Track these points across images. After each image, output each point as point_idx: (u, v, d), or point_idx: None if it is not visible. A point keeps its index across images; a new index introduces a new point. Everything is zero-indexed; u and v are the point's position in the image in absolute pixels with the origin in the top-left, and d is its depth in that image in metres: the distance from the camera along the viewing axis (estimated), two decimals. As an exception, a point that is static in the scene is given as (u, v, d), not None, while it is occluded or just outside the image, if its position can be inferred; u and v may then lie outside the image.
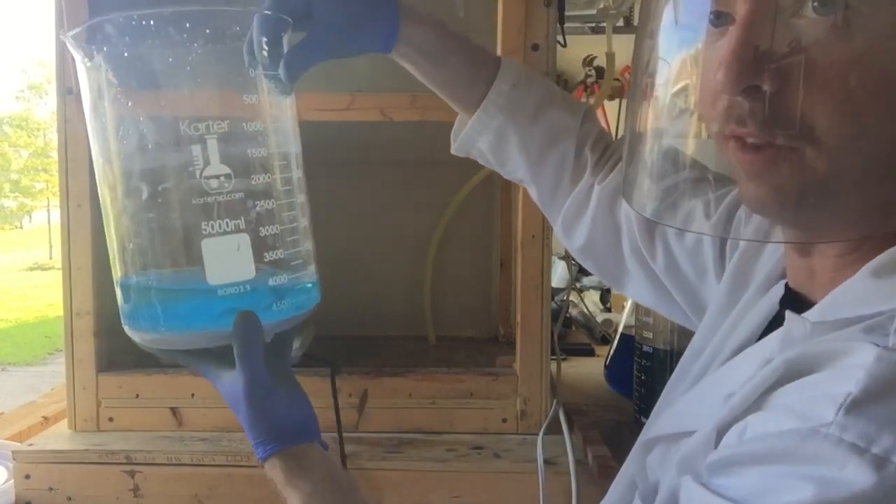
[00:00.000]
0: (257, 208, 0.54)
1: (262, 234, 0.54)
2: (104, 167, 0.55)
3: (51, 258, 14.27)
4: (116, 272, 0.58)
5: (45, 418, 1.20)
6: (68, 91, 0.94)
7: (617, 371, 1.26)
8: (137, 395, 0.97)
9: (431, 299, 1.27)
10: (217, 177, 0.52)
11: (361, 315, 1.27)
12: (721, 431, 0.41)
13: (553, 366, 1.01)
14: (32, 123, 19.04)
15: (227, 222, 0.52)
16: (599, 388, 1.28)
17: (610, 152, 0.71)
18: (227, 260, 0.53)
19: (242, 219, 0.53)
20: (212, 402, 0.97)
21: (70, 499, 0.90)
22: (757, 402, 0.40)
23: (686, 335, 1.00)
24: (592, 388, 1.28)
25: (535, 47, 0.94)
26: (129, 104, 0.52)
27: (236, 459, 0.90)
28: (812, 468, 0.35)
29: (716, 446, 0.41)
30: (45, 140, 18.75)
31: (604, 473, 0.84)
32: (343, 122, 0.96)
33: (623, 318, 1.31)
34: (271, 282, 0.56)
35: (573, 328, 1.71)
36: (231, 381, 0.56)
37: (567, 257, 1.29)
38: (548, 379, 0.97)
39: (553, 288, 1.02)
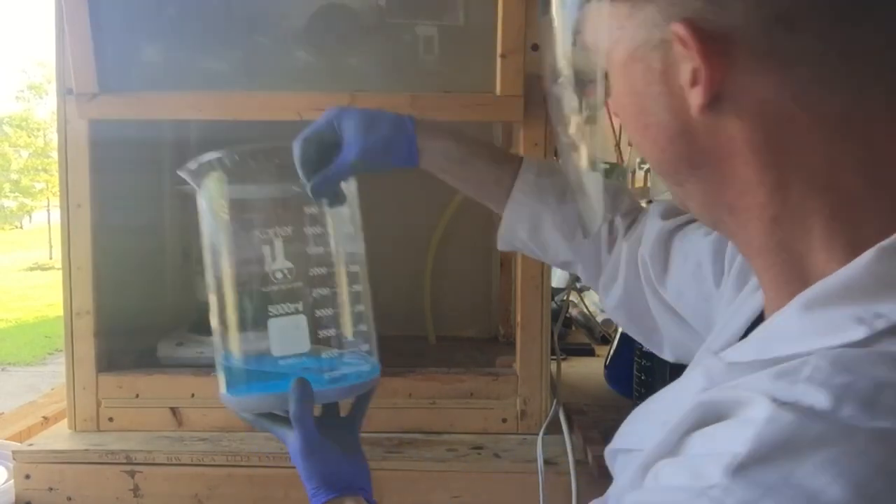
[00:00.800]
0: (314, 294, 0.66)
1: (317, 315, 0.66)
2: (211, 261, 0.72)
3: (51, 258, 14.27)
4: (218, 349, 0.69)
5: (45, 418, 1.20)
6: (68, 91, 0.94)
7: (617, 371, 1.26)
8: (137, 395, 0.97)
9: (431, 299, 1.27)
10: (281, 270, 0.66)
11: (361, 315, 1.27)
12: (645, 469, 0.40)
13: (553, 366, 1.01)
14: (32, 123, 19.04)
15: (287, 305, 0.65)
16: (599, 388, 1.28)
17: (640, 218, 0.74)
18: (287, 335, 0.65)
19: (301, 303, 0.65)
20: (212, 402, 0.97)
21: (70, 499, 0.90)
22: (677, 444, 0.39)
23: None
24: (592, 388, 1.28)
25: (535, 47, 0.94)
26: (225, 216, 0.73)
27: (236, 459, 0.90)
28: None
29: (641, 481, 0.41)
30: (45, 140, 18.75)
31: (604, 473, 0.84)
32: (343, 122, 0.96)
33: (623, 318, 1.31)
34: (324, 355, 0.67)
35: (573, 328, 1.71)
36: (291, 439, 0.66)
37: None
38: (548, 379, 0.97)
39: (553, 288, 1.02)
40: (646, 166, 1.42)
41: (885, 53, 0.38)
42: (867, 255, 0.37)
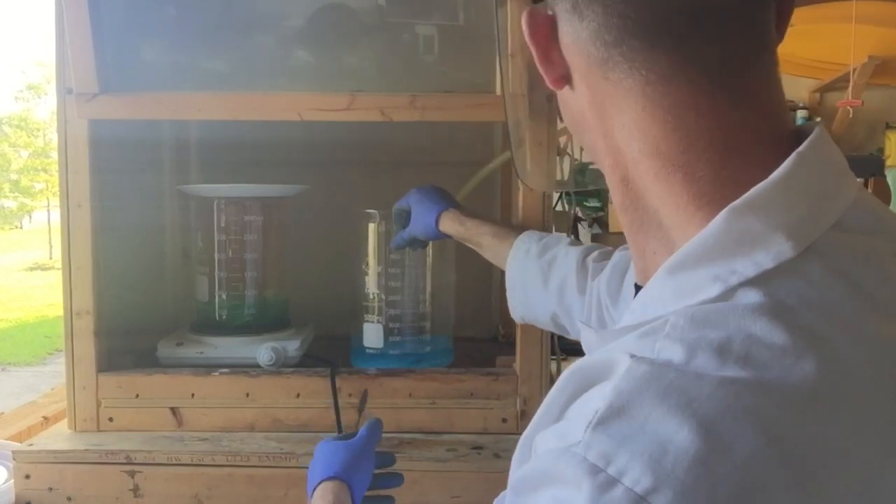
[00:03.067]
0: (390, 311, 1.06)
1: (389, 326, 1.06)
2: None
3: (51, 258, 14.26)
4: None
5: (45, 418, 1.21)
6: (68, 91, 0.94)
7: (617, 371, 1.26)
8: (137, 395, 0.97)
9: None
10: (369, 293, 1.07)
11: (361, 315, 1.27)
12: (528, 445, 0.41)
13: (553, 366, 1.01)
14: (32, 123, 19.02)
15: (373, 316, 1.06)
16: (599, 388, 1.28)
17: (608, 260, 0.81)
18: (371, 334, 1.06)
19: (382, 315, 1.06)
20: (212, 402, 0.97)
21: (70, 499, 0.90)
22: (558, 415, 0.40)
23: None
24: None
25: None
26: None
27: (236, 459, 0.90)
28: (557, 490, 0.35)
29: (523, 460, 0.42)
30: (45, 140, 18.74)
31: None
32: (343, 122, 0.96)
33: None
34: (391, 351, 1.06)
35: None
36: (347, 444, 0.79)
37: (567, 257, 1.29)
38: (548, 379, 0.97)
39: (553, 288, 1.02)
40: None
41: (667, 24, 0.41)
42: (719, 218, 0.39)
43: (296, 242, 1.16)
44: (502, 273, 1.35)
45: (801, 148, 0.40)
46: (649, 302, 0.42)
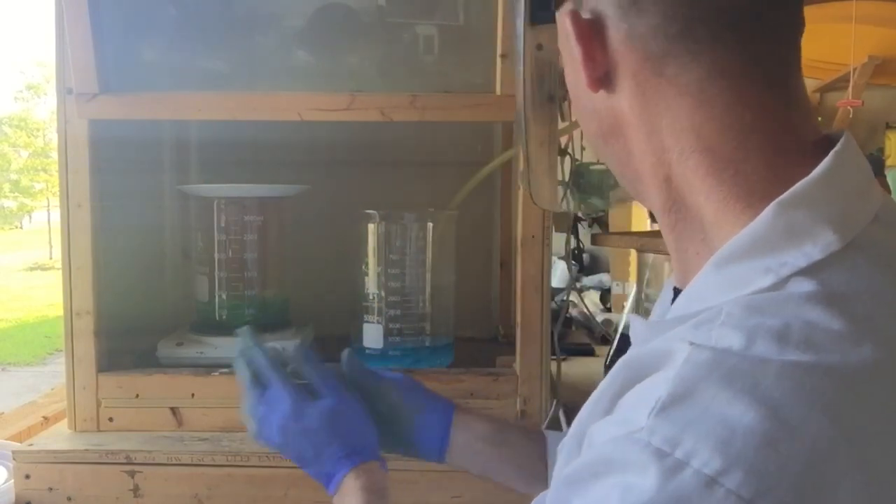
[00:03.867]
0: (390, 311, 1.05)
1: (389, 326, 1.05)
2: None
3: (51, 258, 14.25)
4: None
5: (45, 418, 1.21)
6: (68, 91, 0.94)
7: (617, 371, 1.26)
8: (137, 395, 0.97)
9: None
10: (369, 293, 1.06)
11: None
12: (579, 440, 0.42)
13: (553, 366, 1.01)
14: (32, 123, 19.02)
15: (373, 316, 1.06)
16: (599, 388, 1.28)
17: None
18: (370, 334, 1.06)
19: (382, 315, 1.06)
20: (212, 402, 0.97)
21: (70, 499, 0.90)
22: (608, 408, 0.41)
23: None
24: (592, 388, 1.28)
25: (540, 47, 0.93)
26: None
27: (236, 459, 0.90)
28: (621, 476, 0.35)
29: (575, 455, 0.42)
30: (45, 140, 18.73)
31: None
32: (343, 122, 0.96)
33: (623, 318, 1.31)
34: (391, 352, 1.05)
35: (573, 328, 1.71)
36: (319, 402, 0.67)
37: (567, 257, 1.29)
38: (548, 379, 0.97)
39: (553, 288, 1.02)
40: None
41: (732, 19, 0.42)
42: (767, 212, 0.41)
43: (296, 242, 1.16)
44: (502, 273, 1.36)
45: (837, 148, 0.42)
46: (696, 296, 0.43)
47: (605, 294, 2.01)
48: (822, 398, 0.34)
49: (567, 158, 1.38)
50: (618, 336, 1.30)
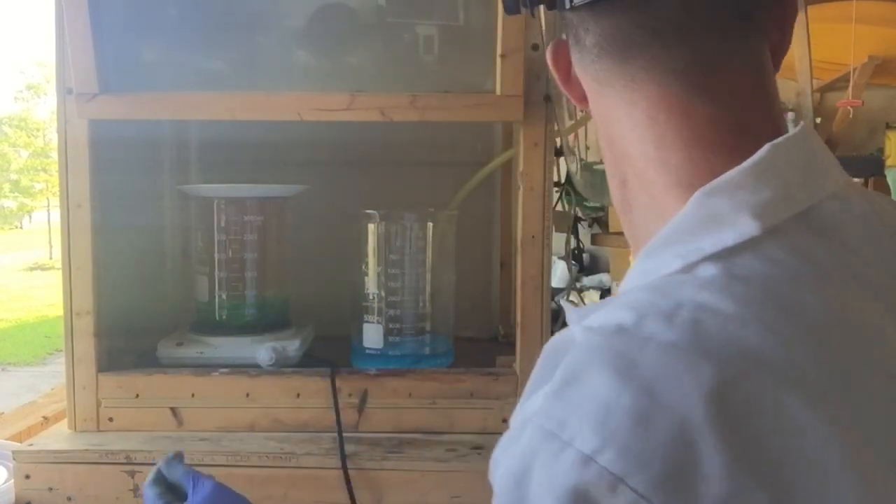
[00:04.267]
0: (390, 311, 1.05)
1: (389, 326, 1.05)
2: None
3: (51, 258, 14.25)
4: None
5: (45, 418, 1.21)
6: (68, 91, 0.94)
7: (617, 371, 1.26)
8: (137, 395, 0.97)
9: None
10: (369, 293, 1.06)
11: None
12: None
13: (553, 366, 1.00)
14: (32, 123, 19.01)
15: (373, 316, 1.05)
16: (599, 388, 1.28)
17: None
18: (370, 334, 1.06)
19: (382, 315, 1.05)
20: (212, 402, 0.97)
21: (70, 499, 0.90)
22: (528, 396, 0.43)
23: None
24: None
25: (535, 47, 0.94)
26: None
27: (236, 459, 0.90)
28: (517, 459, 0.38)
29: None
30: (45, 140, 18.73)
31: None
32: (343, 122, 0.96)
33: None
34: (391, 352, 1.05)
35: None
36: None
37: (567, 257, 1.29)
38: (548, 379, 0.97)
39: (553, 288, 1.02)
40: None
41: (630, 37, 0.44)
42: (690, 201, 0.42)
43: (296, 242, 1.16)
44: (502, 273, 1.36)
45: (777, 140, 0.42)
46: (621, 289, 0.45)
47: (605, 294, 2.02)
48: (696, 378, 0.35)
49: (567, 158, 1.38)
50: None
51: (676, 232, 0.42)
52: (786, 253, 0.40)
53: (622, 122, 0.47)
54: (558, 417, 0.36)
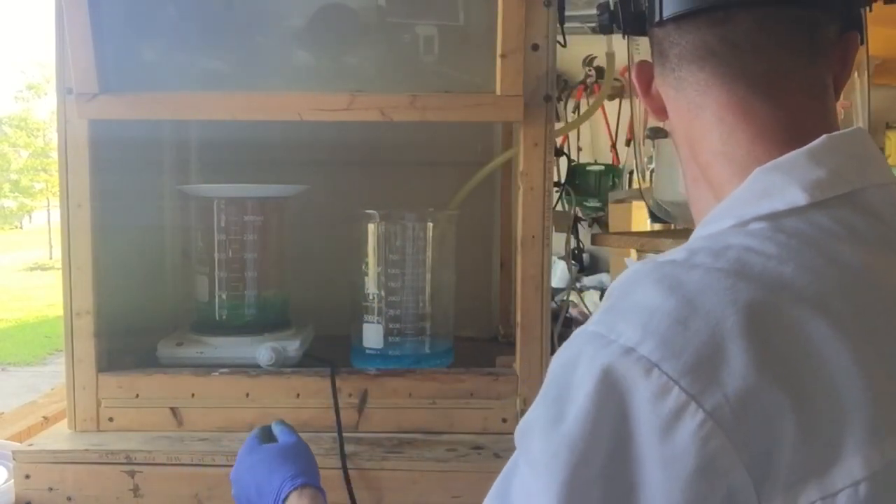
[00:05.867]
0: (390, 311, 1.05)
1: (389, 326, 1.06)
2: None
3: (51, 258, 14.25)
4: None
5: (45, 418, 1.21)
6: (68, 91, 0.94)
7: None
8: (137, 395, 0.97)
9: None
10: (369, 293, 1.06)
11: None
12: None
13: (553, 366, 1.00)
14: (32, 123, 19.00)
15: (373, 316, 1.06)
16: (599, 388, 1.28)
17: None
18: (370, 335, 1.06)
19: (382, 315, 1.05)
20: (212, 402, 0.97)
21: (70, 499, 0.90)
22: None
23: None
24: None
25: (535, 47, 0.94)
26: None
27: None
28: (568, 365, 0.44)
29: None
30: (45, 140, 18.72)
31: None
32: (343, 122, 0.96)
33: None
34: (391, 352, 1.05)
35: (573, 328, 1.70)
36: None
37: (567, 257, 1.29)
38: (548, 379, 0.97)
39: (553, 288, 1.02)
40: (651, 166, 1.43)
41: (709, 48, 0.51)
42: (748, 179, 0.48)
43: (296, 242, 1.16)
44: (502, 273, 1.36)
45: (833, 133, 0.49)
46: None
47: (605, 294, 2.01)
48: (733, 294, 0.41)
49: (563, 159, 1.38)
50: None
51: (733, 202, 0.48)
52: (827, 219, 0.46)
53: (694, 123, 0.53)
54: (607, 323, 0.43)
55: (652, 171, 1.62)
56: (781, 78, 0.50)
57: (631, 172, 2.02)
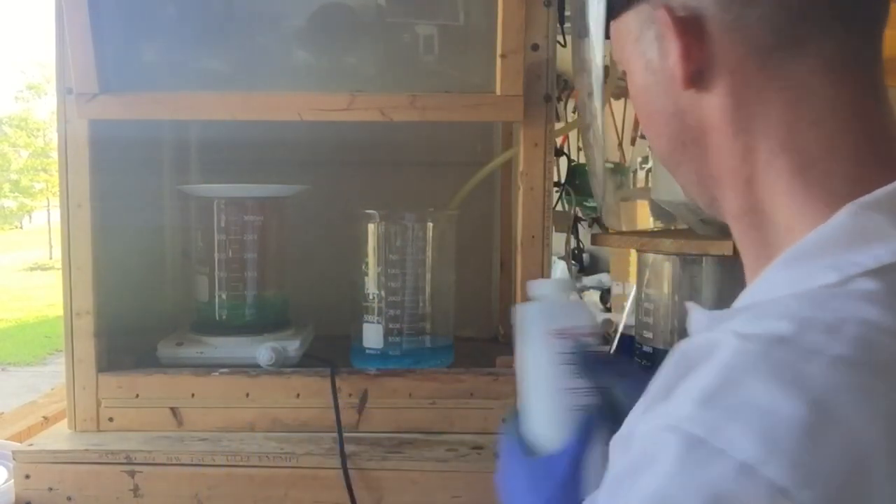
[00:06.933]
0: (390, 311, 1.05)
1: (389, 326, 1.05)
2: None
3: (51, 258, 14.26)
4: None
5: (45, 418, 1.21)
6: (68, 91, 0.94)
7: (617, 371, 1.26)
8: (137, 395, 0.97)
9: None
10: (369, 293, 1.06)
11: (361, 315, 1.27)
12: (629, 435, 0.40)
13: (553, 366, 1.00)
14: (32, 123, 19.02)
15: (373, 316, 1.05)
16: (599, 388, 1.28)
17: None
18: (370, 335, 1.05)
19: (382, 315, 1.05)
20: (212, 402, 0.97)
21: (70, 499, 0.90)
22: (655, 400, 0.40)
23: (686, 335, 1.00)
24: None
25: (535, 47, 0.94)
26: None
27: (236, 459, 0.90)
28: (658, 467, 0.34)
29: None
30: (45, 140, 18.74)
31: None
32: (343, 122, 0.96)
33: (623, 318, 1.31)
34: (391, 352, 1.05)
35: (573, 328, 1.70)
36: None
37: (567, 257, 1.29)
38: (548, 379, 0.97)
39: (553, 288, 1.02)
40: (647, 166, 1.43)
41: (839, 16, 0.41)
42: (842, 212, 0.40)
43: (296, 242, 1.16)
44: (502, 273, 1.36)
45: None
46: (759, 291, 0.42)
47: (605, 294, 2.02)
48: (869, 395, 0.34)
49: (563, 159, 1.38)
50: (618, 336, 1.30)
51: (827, 242, 0.40)
52: None
53: (780, 108, 0.43)
54: (710, 424, 0.34)
55: (648, 171, 1.62)
56: (875, 61, 0.42)
57: (635, 171, 2.02)
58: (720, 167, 0.46)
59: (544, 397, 0.61)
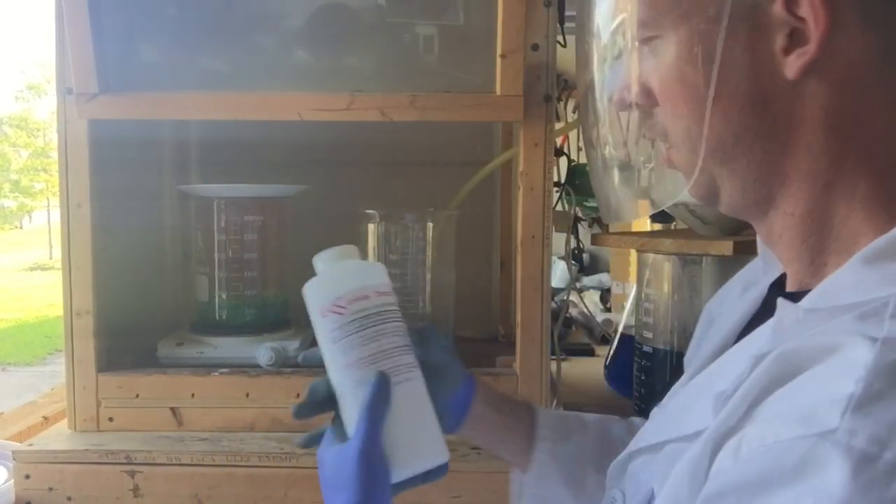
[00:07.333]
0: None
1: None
2: None
3: (51, 258, 14.27)
4: None
5: (45, 418, 1.20)
6: (68, 91, 0.94)
7: (617, 371, 1.26)
8: (137, 395, 0.97)
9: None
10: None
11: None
12: (717, 445, 0.39)
13: (553, 366, 1.01)
14: (32, 123, 19.03)
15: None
16: (599, 388, 1.28)
17: None
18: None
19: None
20: (212, 402, 0.97)
21: (70, 499, 0.90)
22: (752, 407, 0.38)
23: (686, 335, 1.00)
24: (592, 388, 1.28)
25: (535, 47, 0.94)
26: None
27: (236, 459, 0.90)
28: (818, 481, 0.33)
29: (711, 460, 0.39)
30: (45, 140, 18.75)
31: (604, 473, 0.83)
32: (343, 122, 0.96)
33: (623, 318, 1.31)
34: None
35: (573, 328, 1.71)
36: None
37: (567, 257, 1.29)
38: (548, 379, 0.97)
39: (553, 288, 1.02)
40: (650, 165, 1.43)
41: None
42: None
43: (296, 242, 1.16)
44: (502, 273, 1.35)
45: None
46: (843, 288, 0.41)
47: (605, 294, 2.01)
48: None
49: (563, 159, 1.38)
50: (618, 336, 1.30)
51: None
52: None
53: (890, 110, 0.41)
54: (874, 435, 0.32)
55: (651, 170, 1.61)
56: None
57: (639, 171, 2.02)
58: (797, 166, 0.43)
59: (334, 379, 0.61)
